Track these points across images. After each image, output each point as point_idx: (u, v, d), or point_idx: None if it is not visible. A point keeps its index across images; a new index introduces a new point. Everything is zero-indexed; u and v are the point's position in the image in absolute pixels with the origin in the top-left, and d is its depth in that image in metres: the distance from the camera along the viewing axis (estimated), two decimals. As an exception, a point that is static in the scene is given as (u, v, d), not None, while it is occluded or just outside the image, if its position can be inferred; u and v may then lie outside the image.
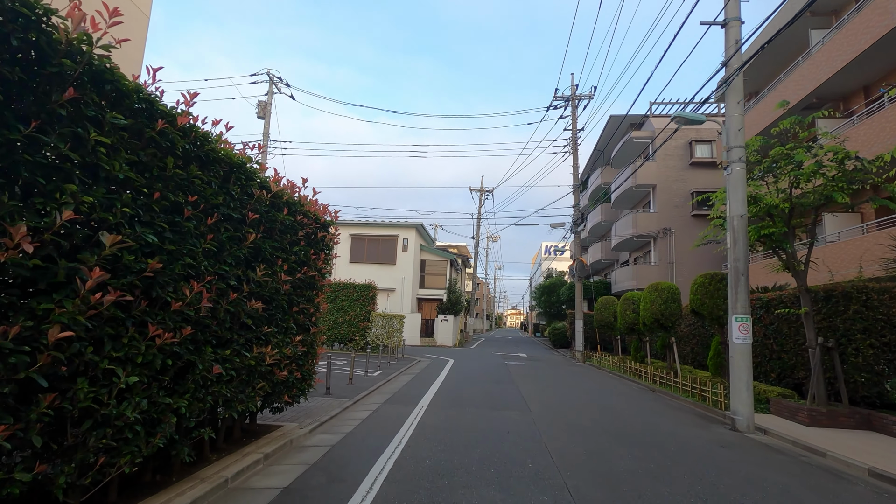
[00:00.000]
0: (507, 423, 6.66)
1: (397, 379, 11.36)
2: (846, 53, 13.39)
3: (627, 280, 26.51)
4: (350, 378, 9.97)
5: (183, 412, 3.38)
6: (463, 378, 12.04)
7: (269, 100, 23.00)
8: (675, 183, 26.09)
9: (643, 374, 13.53)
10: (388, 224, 28.29)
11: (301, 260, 5.27)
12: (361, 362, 13.87)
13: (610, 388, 11.61)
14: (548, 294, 41.51)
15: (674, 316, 13.17)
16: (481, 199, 37.46)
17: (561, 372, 15.34)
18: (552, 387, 11.26)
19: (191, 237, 3.35)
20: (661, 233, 25.58)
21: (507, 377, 12.64)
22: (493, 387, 10.57)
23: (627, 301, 16.34)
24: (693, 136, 25.98)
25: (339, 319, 18.19)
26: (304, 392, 5.72)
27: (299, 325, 5.35)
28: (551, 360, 20.31)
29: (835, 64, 13.91)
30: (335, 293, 18.45)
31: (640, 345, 16.19)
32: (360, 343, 18.13)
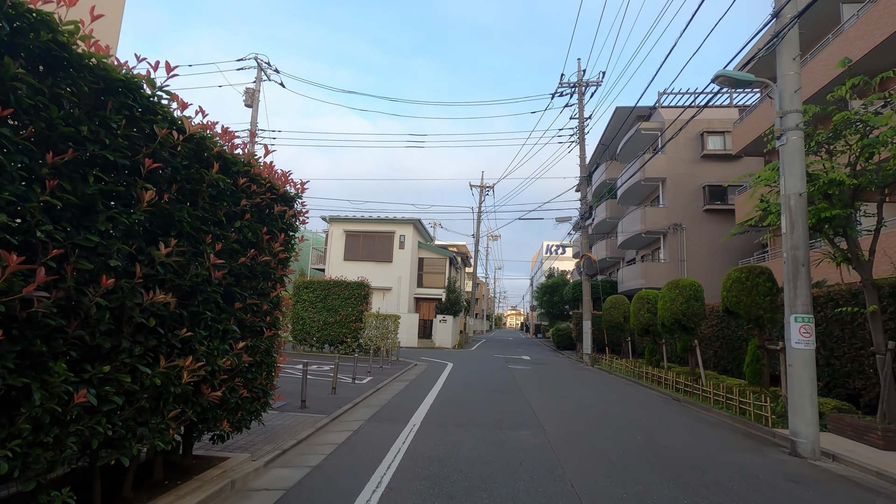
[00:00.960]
0: (518, 450, 5.33)
1: (389, 387, 10.03)
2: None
3: (635, 279, 25.20)
4: (333, 387, 8.63)
5: (5, 470, 2.05)
6: (463, 386, 10.71)
7: (257, 86, 21.69)
8: (686, 176, 24.79)
9: (663, 380, 12.21)
10: (384, 220, 26.97)
11: (247, 240, 3.94)
12: (350, 367, 12.56)
13: (629, 398, 10.28)
14: (550, 294, 40.19)
15: (697, 316, 11.86)
16: (481, 196, 36.17)
17: (570, 377, 14.01)
18: (564, 396, 9.93)
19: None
20: (672, 228, 24.27)
21: (512, 384, 11.32)
22: (498, 397, 9.24)
23: (642, 300, 15.03)
24: (705, 127, 24.68)
25: (330, 320, 16.86)
26: (255, 415, 4.39)
27: (246, 328, 4.01)
28: (557, 363, 18.99)
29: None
30: (325, 292, 17.12)
31: (656, 347, 14.87)
32: (352, 345, 16.80)
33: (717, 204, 24.02)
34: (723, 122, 24.86)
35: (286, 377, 9.67)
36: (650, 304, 14.74)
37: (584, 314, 18.93)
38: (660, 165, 25.05)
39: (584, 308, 18.88)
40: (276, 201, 4.40)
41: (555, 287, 39.88)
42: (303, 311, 17.01)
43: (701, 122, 24.68)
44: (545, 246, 70.12)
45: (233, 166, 3.78)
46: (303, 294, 17.16)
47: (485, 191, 36.03)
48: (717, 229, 23.96)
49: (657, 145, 25.67)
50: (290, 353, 16.68)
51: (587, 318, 18.74)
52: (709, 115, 25.03)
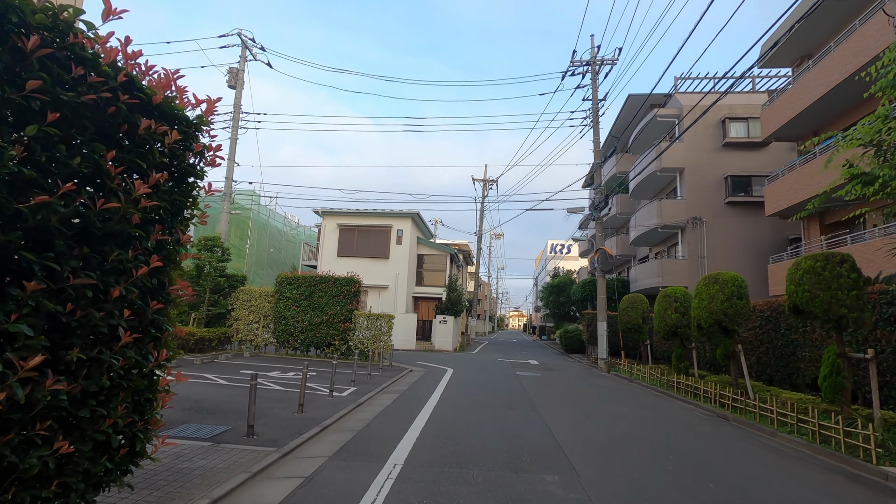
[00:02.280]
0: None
1: (373, 402, 8.22)
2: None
3: (650, 277, 23.37)
4: (300, 403, 6.83)
5: None
6: (464, 399, 8.89)
7: (241, 65, 19.95)
8: (706, 166, 22.94)
9: (700, 392, 10.36)
10: (380, 213, 25.20)
11: (62, 164, 2.14)
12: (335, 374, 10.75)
13: (666, 415, 8.44)
14: (556, 294, 38.34)
15: (740, 316, 10.04)
16: (485, 190, 34.37)
17: (587, 387, 12.18)
18: (588, 414, 8.10)
19: None
20: (691, 223, 22.42)
21: (522, 396, 9.49)
22: (507, 416, 7.42)
23: (668, 299, 13.19)
24: (726, 113, 22.83)
25: (316, 320, 15.06)
26: (104, 481, 2.57)
27: (64, 328, 2.20)
28: (568, 369, 17.15)
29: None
30: (310, 288, 15.33)
31: (685, 353, 13.03)
32: (341, 348, 15.01)
33: (741, 196, 22.16)
34: (746, 107, 23.02)
35: (254, 390, 7.89)
36: (678, 302, 12.91)
37: (598, 315, 17.09)
38: (677, 155, 23.20)
39: (599, 308, 17.05)
40: (144, 111, 2.58)
41: (561, 287, 38.02)
42: (285, 309, 15.23)
43: (722, 108, 22.84)
44: (549, 245, 68.25)
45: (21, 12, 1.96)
46: (285, 290, 15.37)
47: (488, 185, 34.23)
48: (740, 223, 22.12)
49: (674, 134, 23.82)
50: (272, 357, 14.90)
51: (602, 320, 16.91)
52: (730, 101, 23.20)
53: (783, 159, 22.06)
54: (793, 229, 21.62)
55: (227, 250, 15.90)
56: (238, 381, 9.25)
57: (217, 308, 15.28)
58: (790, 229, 21.71)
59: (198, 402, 7.01)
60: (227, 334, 15.45)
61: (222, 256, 15.65)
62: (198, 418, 6.00)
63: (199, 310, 14.84)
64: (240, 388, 8.47)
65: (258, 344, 15.48)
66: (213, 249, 15.41)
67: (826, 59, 15.03)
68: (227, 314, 15.68)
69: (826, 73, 14.87)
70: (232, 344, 15.80)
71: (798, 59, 18.39)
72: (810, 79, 15.74)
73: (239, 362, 12.58)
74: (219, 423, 5.84)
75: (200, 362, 11.57)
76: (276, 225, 28.77)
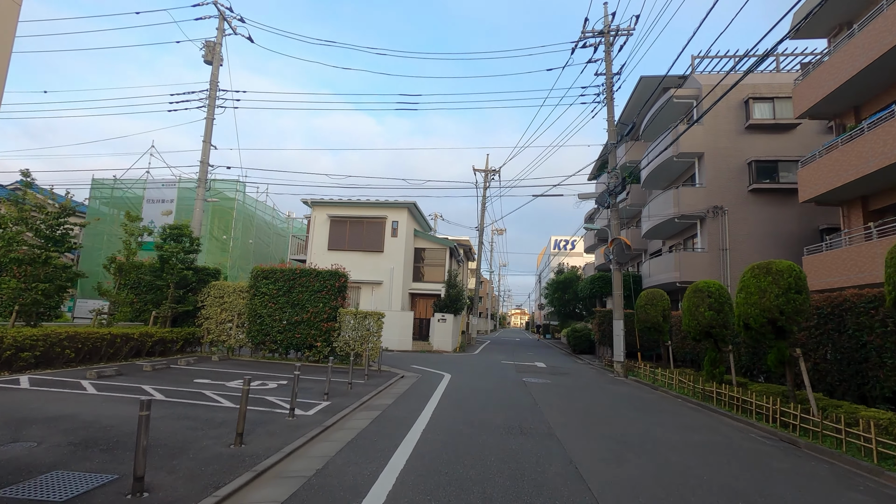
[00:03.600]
0: None
1: (343, 426, 6.42)
2: None
3: (666, 271, 21.55)
4: (238, 432, 5.04)
5: None
6: (461, 420, 7.10)
7: (217, 38, 18.13)
8: (728, 151, 21.09)
9: (750, 406, 8.55)
10: (374, 203, 23.41)
11: None
12: (310, 383, 8.99)
13: (722, 441, 6.62)
14: (562, 291, 36.54)
15: (800, 313, 8.24)
16: (486, 181, 32.52)
17: (608, 398, 10.37)
18: (622, 439, 6.29)
19: None
20: (711, 212, 20.58)
21: (533, 414, 7.70)
22: (518, 446, 5.64)
23: (700, 294, 11.38)
24: (750, 92, 20.96)
25: (296, 319, 13.28)
26: None
27: None
28: (580, 373, 15.35)
29: None
30: (289, 283, 13.54)
31: (719, 356, 11.22)
32: (323, 351, 13.23)
33: (766, 182, 20.31)
34: (771, 87, 21.14)
35: (186, 410, 6.11)
36: (713, 298, 11.11)
37: (614, 312, 15.28)
38: (696, 138, 21.34)
39: (615, 305, 15.24)
40: None
41: (567, 283, 36.22)
42: (261, 306, 13.44)
43: (745, 88, 20.97)
44: (553, 241, 66.35)
45: None
46: (261, 285, 13.59)
47: (490, 175, 32.37)
48: (765, 213, 20.28)
49: (692, 116, 21.96)
50: (245, 361, 13.13)
51: (618, 318, 15.10)
52: (754, 81, 21.33)
53: (812, 143, 20.20)
54: (824, 219, 19.76)
55: (196, 240, 14.11)
56: (182, 395, 7.47)
57: (184, 305, 13.50)
58: (821, 219, 19.85)
59: (102, 429, 5.23)
60: (196, 335, 13.69)
61: (191, 247, 13.87)
62: (79, 459, 4.21)
63: (161, 307, 13.06)
64: (178, 405, 6.69)
65: (231, 346, 13.70)
66: (179, 239, 13.62)
67: (876, 20, 13.15)
68: (197, 312, 13.92)
69: (874, 37, 13.00)
70: (203, 346, 14.04)
71: (836, 27, 16.51)
72: (854, 46, 13.87)
73: (201, 368, 10.81)
74: (106, 467, 4.05)
75: (151, 369, 9.79)
76: (264, 217, 27.00)
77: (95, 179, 24.81)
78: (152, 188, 24.22)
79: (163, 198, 24.06)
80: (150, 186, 24.14)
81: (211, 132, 17.48)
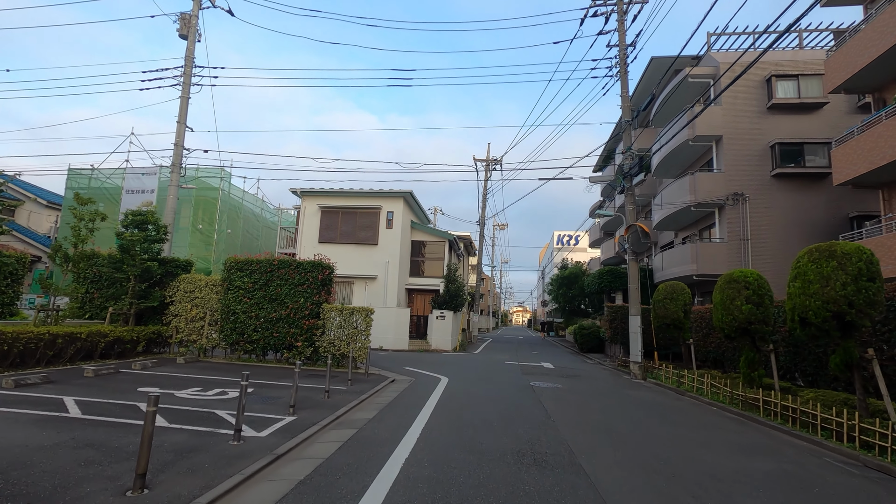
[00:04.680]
0: None
1: (301, 454, 4.93)
2: None
3: (681, 264, 20.01)
4: (139, 473, 3.54)
5: None
6: (458, 442, 5.60)
7: (194, 10, 16.60)
8: (748, 133, 19.52)
9: (813, 420, 7.04)
10: (367, 193, 21.89)
11: None
12: (281, 390, 7.52)
13: (796, 471, 5.11)
14: (567, 286, 35.02)
15: (873, 306, 6.75)
16: (487, 171, 30.99)
17: (633, 407, 8.86)
18: (669, 471, 4.79)
19: None
20: (731, 199, 19.03)
21: (548, 432, 6.20)
22: (533, 483, 4.15)
23: (736, 285, 9.86)
24: (772, 70, 19.37)
25: (273, 315, 11.80)
26: None
27: None
28: (593, 375, 13.85)
29: None
30: (266, 276, 12.05)
31: (758, 356, 9.71)
32: (305, 352, 11.75)
33: (791, 167, 18.74)
34: (795, 63, 19.54)
35: (99, 433, 4.61)
36: (751, 290, 9.60)
37: (630, 308, 13.77)
38: (714, 120, 19.77)
39: (631, 299, 13.72)
40: None
41: (572, 278, 34.68)
42: (235, 302, 11.96)
43: (767, 65, 19.40)
44: (556, 236, 64.76)
45: None
46: (235, 278, 12.10)
47: (491, 165, 30.82)
48: (789, 199, 18.71)
49: (709, 96, 20.37)
50: (217, 363, 11.66)
51: (635, 314, 13.58)
52: (775, 58, 19.76)
53: (841, 123, 18.62)
54: (854, 205, 18.21)
55: (163, 228, 12.62)
56: (107, 411, 5.98)
57: (148, 301, 12.02)
58: (850, 205, 18.30)
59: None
60: (164, 334, 12.22)
61: (157, 235, 12.38)
62: None
63: (120, 302, 11.57)
64: (91, 426, 5.21)
65: (203, 346, 12.22)
66: (143, 226, 12.14)
67: None
68: (165, 308, 12.45)
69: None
70: (171, 346, 12.57)
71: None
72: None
73: (158, 373, 9.34)
74: None
75: (94, 374, 8.32)
76: (252, 208, 25.50)
77: (72, 169, 23.35)
78: (132, 177, 22.73)
79: (143, 188, 22.57)
80: (130, 173, 22.66)
81: (186, 112, 15.98)
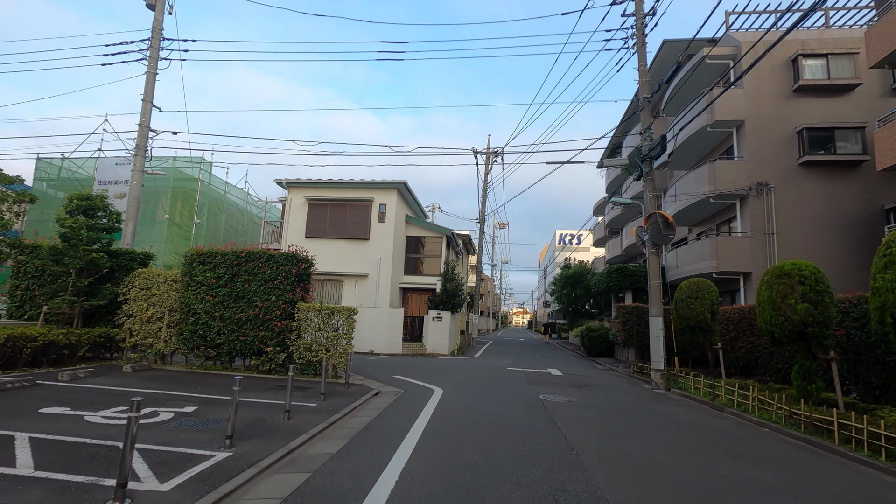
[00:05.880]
0: None
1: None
2: None
3: (698, 261, 18.38)
4: None
5: None
6: (450, 497, 3.95)
7: (161, -23, 14.98)
8: (773, 118, 17.90)
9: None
10: (358, 184, 20.25)
11: None
12: (227, 409, 5.89)
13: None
14: (571, 286, 33.35)
15: None
16: (488, 164, 29.34)
17: (672, 432, 7.20)
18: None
19: None
20: (754, 189, 17.41)
21: (573, 474, 4.55)
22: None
23: (786, 279, 8.20)
24: (799, 48, 17.77)
25: (239, 316, 10.15)
26: None
27: None
28: (609, 384, 12.21)
29: None
30: (232, 270, 10.40)
31: (814, 366, 8.06)
32: (277, 358, 10.10)
33: (821, 154, 17.12)
34: (823, 42, 17.95)
35: None
36: (808, 285, 7.94)
37: (650, 308, 12.12)
38: (735, 104, 18.16)
39: (652, 298, 12.08)
40: None
41: (577, 278, 33.03)
42: (196, 300, 10.31)
43: (792, 44, 17.81)
44: (558, 235, 63.14)
45: None
46: (196, 272, 10.45)
47: (492, 159, 29.19)
48: (819, 190, 17.08)
49: (729, 79, 18.77)
50: (173, 372, 10.01)
51: (656, 314, 11.94)
52: (800, 37, 18.17)
53: (874, 107, 17.00)
54: (891, 196, 16.61)
55: (116, 215, 10.98)
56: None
57: (96, 299, 10.37)
58: (886, 196, 16.71)
59: None
60: (116, 337, 10.57)
61: (108, 223, 10.74)
62: None
63: (56, 299, 9.91)
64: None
65: (161, 352, 10.57)
66: (91, 213, 10.50)
67: None
68: (119, 308, 10.81)
69: None
70: (124, 351, 10.91)
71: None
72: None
73: (88, 386, 7.69)
74: None
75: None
76: (236, 201, 23.86)
77: (41, 158, 21.71)
78: (105, 168, 21.10)
79: (116, 178, 20.93)
80: (103, 163, 21.02)
81: (153, 89, 14.35)
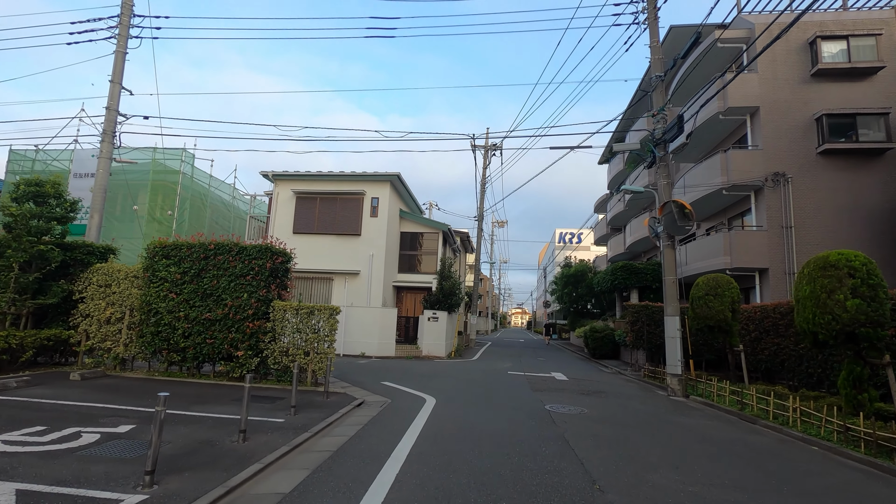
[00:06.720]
0: None
1: None
2: None
3: (709, 257, 17.29)
4: None
5: None
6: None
7: (132, -51, 13.83)
8: (789, 104, 16.83)
9: None
10: (349, 176, 19.11)
11: None
12: (192, 426, 4.78)
13: None
14: (572, 285, 32.27)
15: None
16: (486, 158, 28.23)
17: (709, 454, 6.06)
18: None
19: None
20: (770, 180, 16.33)
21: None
22: None
23: (833, 272, 7.10)
24: (817, 30, 16.71)
25: (207, 316, 8.99)
26: None
27: None
28: (621, 391, 11.08)
29: None
30: (199, 264, 9.24)
31: (865, 372, 6.95)
32: (249, 364, 8.94)
33: (842, 142, 16.05)
34: (842, 23, 16.90)
35: None
36: (860, 278, 6.85)
37: (666, 307, 11.00)
38: (749, 89, 17.09)
39: (667, 296, 10.96)
40: None
41: (579, 276, 31.95)
42: (158, 298, 9.15)
43: (809, 26, 16.76)
44: (558, 234, 62.08)
45: None
46: (159, 267, 9.29)
47: (491, 152, 28.08)
48: (840, 180, 16.01)
49: (741, 63, 17.68)
50: (129, 379, 8.84)
51: (672, 313, 10.82)
52: (818, 18, 17.11)
53: None
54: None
55: (70, 203, 9.82)
56: None
57: (47, 297, 9.21)
58: (912, 186, 15.65)
59: None
60: (70, 340, 9.40)
61: (60, 213, 9.57)
62: None
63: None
64: None
65: (120, 356, 9.40)
66: (41, 200, 9.33)
67: None
68: (74, 307, 9.65)
69: None
70: (80, 356, 9.73)
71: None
72: None
73: (13, 398, 6.53)
74: None
75: None
76: (221, 195, 22.70)
77: (13, 150, 20.52)
78: (80, 160, 19.93)
79: (93, 171, 19.75)
80: (83, 148, 19.90)
81: (122, 70, 13.21)
